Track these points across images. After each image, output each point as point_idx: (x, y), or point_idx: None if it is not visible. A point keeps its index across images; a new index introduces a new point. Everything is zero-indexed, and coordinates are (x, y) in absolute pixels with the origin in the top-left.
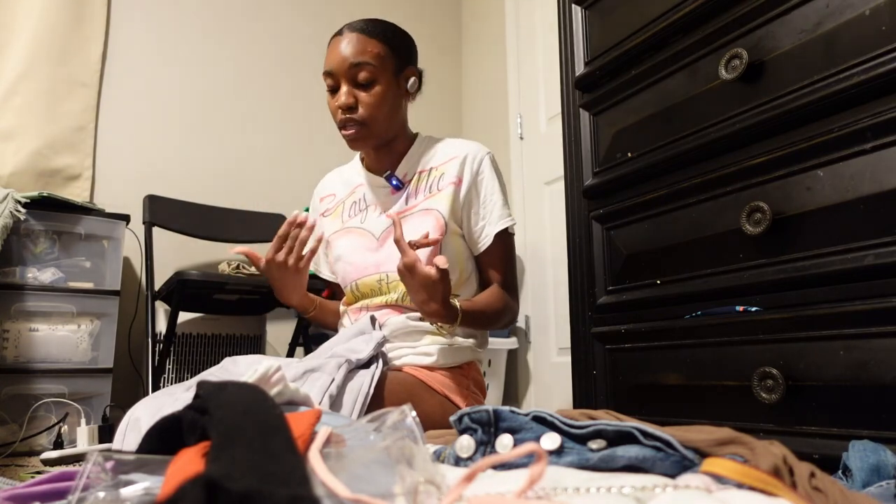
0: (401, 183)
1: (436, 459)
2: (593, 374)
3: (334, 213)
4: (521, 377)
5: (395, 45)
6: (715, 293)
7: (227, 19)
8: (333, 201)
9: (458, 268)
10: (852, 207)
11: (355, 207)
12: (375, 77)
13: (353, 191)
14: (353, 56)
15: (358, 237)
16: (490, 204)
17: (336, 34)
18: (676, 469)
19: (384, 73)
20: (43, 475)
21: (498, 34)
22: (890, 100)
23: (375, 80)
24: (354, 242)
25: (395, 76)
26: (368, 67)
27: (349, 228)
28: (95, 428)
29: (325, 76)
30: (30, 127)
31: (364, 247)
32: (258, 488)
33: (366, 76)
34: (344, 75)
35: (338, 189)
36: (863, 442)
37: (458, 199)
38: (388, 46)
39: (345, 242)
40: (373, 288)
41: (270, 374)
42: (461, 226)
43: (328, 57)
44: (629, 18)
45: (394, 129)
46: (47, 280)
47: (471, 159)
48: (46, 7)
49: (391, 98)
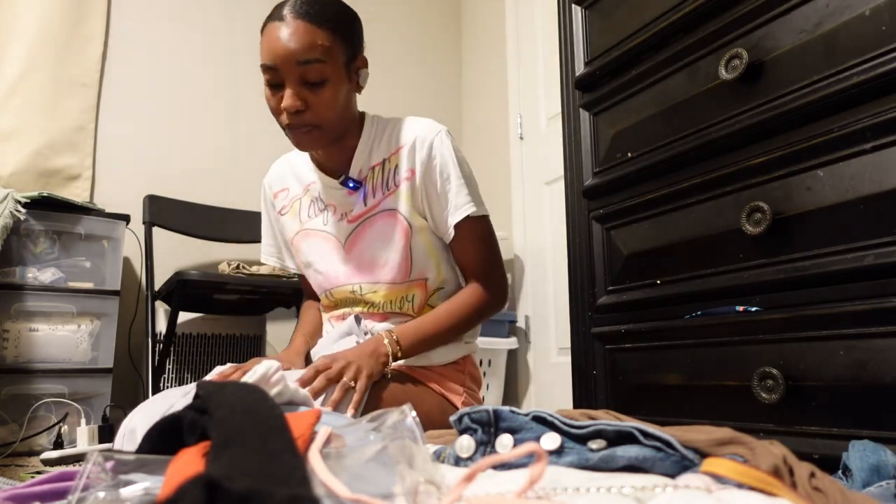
0: (357, 184)
1: (436, 459)
2: (593, 374)
3: (291, 211)
4: (521, 377)
5: (344, 32)
6: (715, 293)
7: (227, 19)
8: (287, 197)
9: (432, 263)
10: (852, 207)
11: (314, 207)
12: (326, 75)
13: (308, 188)
14: (300, 52)
15: (323, 241)
16: (449, 192)
17: (274, 17)
18: (676, 469)
19: (335, 68)
20: (43, 475)
21: (498, 34)
22: (890, 100)
23: (326, 78)
24: (321, 248)
25: (346, 69)
26: (318, 65)
27: (311, 230)
28: (95, 428)
29: (264, 70)
30: (30, 127)
31: (331, 254)
32: (258, 488)
33: (315, 75)
34: (290, 73)
35: (291, 184)
36: (863, 442)
37: (416, 194)
38: (337, 36)
39: (311, 248)
40: (347, 297)
41: (270, 374)
42: (426, 218)
43: (267, 45)
44: (629, 18)
45: (345, 125)
46: (47, 280)
47: (419, 146)
48: (46, 7)
49: (343, 95)
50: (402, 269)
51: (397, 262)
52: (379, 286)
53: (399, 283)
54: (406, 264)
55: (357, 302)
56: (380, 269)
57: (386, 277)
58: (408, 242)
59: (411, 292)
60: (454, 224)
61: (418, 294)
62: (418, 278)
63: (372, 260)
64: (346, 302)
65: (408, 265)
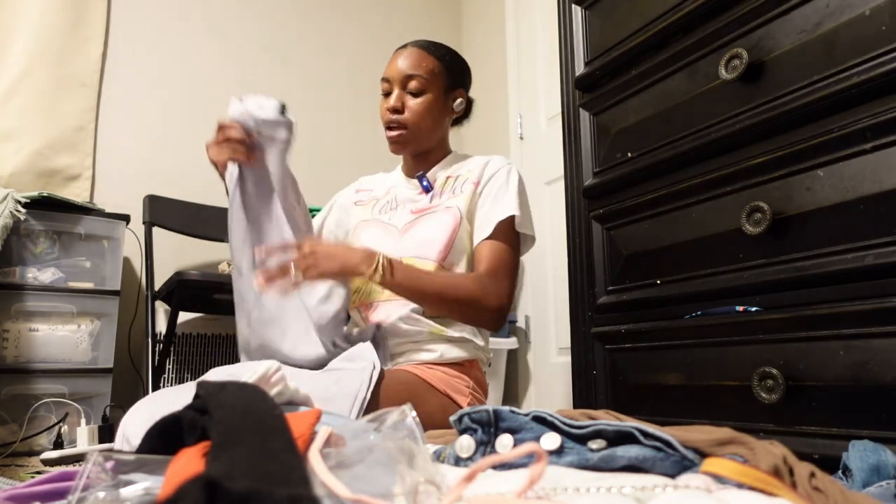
0: (430, 185)
1: (436, 459)
2: (593, 374)
3: (366, 206)
4: (521, 377)
5: (450, 65)
6: (715, 293)
7: (227, 19)
8: (368, 196)
9: (463, 264)
10: (852, 207)
11: (387, 206)
12: (425, 88)
13: (389, 190)
14: (408, 68)
15: (382, 230)
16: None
17: (401, 47)
18: (676, 469)
19: (434, 86)
20: (43, 475)
21: (498, 34)
22: (890, 100)
23: (425, 90)
24: (378, 233)
25: (445, 93)
26: (420, 79)
27: (376, 220)
28: (95, 428)
29: (383, 81)
30: (30, 127)
31: (386, 238)
32: (258, 488)
33: (416, 86)
34: (398, 82)
35: (376, 187)
36: (863, 442)
37: (476, 198)
38: (442, 64)
39: (369, 233)
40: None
41: (270, 374)
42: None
43: (389, 65)
44: (629, 18)
45: (433, 140)
46: (47, 280)
47: (492, 165)
48: (46, 7)
49: (436, 110)
50: (443, 249)
51: (441, 241)
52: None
53: (434, 261)
54: (447, 248)
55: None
56: (424, 244)
57: (427, 253)
58: (455, 231)
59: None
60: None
61: None
62: (448, 266)
63: (420, 236)
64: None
65: (447, 250)
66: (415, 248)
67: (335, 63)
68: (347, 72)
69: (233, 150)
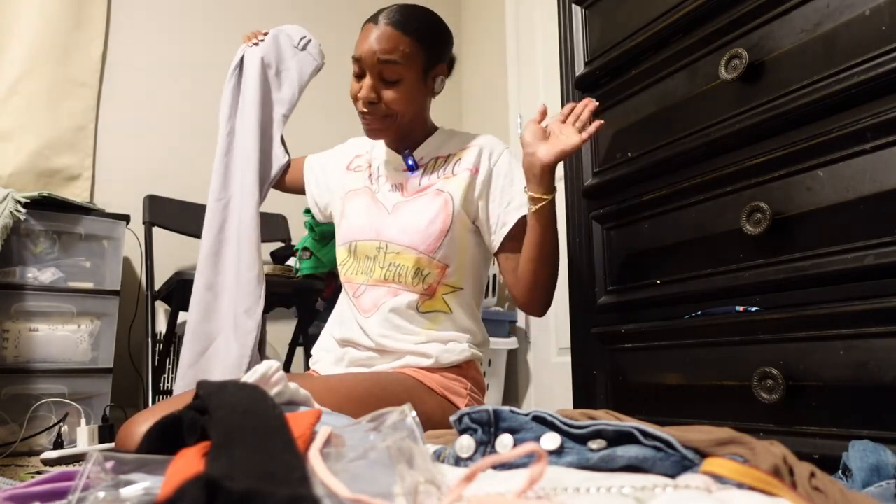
0: (415, 164)
1: (436, 459)
2: (593, 374)
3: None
4: (521, 377)
5: (428, 42)
6: (715, 293)
7: (227, 19)
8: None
9: (457, 259)
10: (852, 207)
11: (373, 175)
12: (402, 76)
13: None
14: (382, 52)
15: (372, 202)
16: (515, 193)
17: (371, 20)
18: (676, 469)
19: (411, 71)
20: (43, 475)
21: (498, 34)
22: (890, 100)
23: (401, 79)
24: (367, 205)
25: (423, 75)
26: (395, 66)
27: (367, 190)
28: (95, 428)
29: (354, 60)
30: (30, 127)
31: (374, 212)
32: (258, 488)
33: (392, 74)
34: (371, 68)
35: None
36: (863, 442)
37: (474, 188)
38: (420, 44)
39: (359, 203)
40: (368, 254)
41: (270, 374)
42: (474, 219)
43: (359, 42)
44: (629, 18)
45: (415, 123)
46: (47, 280)
47: (488, 150)
48: (46, 7)
49: (414, 97)
50: (433, 242)
51: (432, 234)
52: (407, 250)
53: (424, 254)
54: (438, 241)
55: (375, 260)
56: (414, 234)
57: (417, 244)
58: (448, 222)
59: (429, 270)
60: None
61: (434, 274)
62: (442, 261)
63: (410, 224)
64: (366, 259)
65: (438, 243)
66: (401, 236)
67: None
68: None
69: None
